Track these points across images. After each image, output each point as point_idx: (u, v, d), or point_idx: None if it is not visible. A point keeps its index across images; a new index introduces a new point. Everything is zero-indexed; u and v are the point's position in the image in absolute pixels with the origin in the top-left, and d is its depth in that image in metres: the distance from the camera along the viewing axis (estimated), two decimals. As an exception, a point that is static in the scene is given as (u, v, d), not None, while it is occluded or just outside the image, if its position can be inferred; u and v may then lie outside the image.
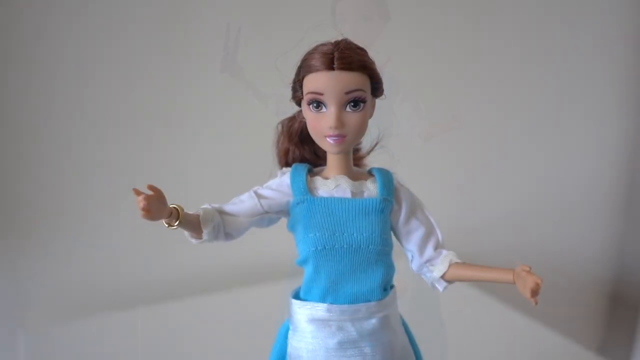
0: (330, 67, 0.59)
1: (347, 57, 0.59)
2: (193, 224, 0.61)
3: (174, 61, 1.25)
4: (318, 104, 0.61)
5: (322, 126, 0.61)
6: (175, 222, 0.59)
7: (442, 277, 0.64)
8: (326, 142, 0.62)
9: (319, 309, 0.64)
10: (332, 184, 0.64)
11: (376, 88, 0.62)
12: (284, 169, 0.69)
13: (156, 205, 0.54)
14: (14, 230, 1.21)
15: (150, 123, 1.27)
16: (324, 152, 0.66)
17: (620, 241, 2.04)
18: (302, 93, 0.62)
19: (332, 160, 0.65)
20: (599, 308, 2.08)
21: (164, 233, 1.24)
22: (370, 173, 0.67)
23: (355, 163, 0.69)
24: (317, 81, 0.60)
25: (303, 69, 0.61)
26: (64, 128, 1.21)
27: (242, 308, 1.28)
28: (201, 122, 1.31)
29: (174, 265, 1.36)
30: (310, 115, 0.62)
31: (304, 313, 0.64)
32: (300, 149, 0.69)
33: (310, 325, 0.64)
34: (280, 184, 0.66)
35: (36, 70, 1.16)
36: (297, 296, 0.67)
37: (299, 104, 0.65)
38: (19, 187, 1.20)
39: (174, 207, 0.58)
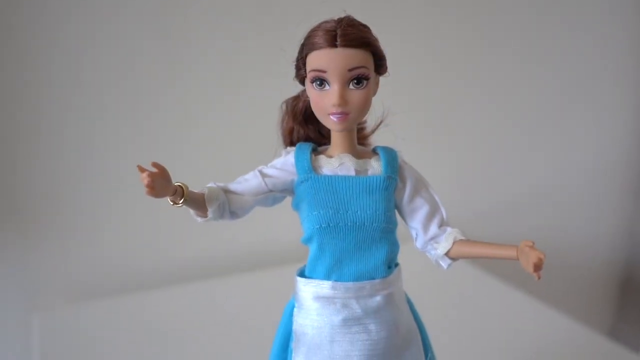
0: (333, 44, 0.59)
1: (350, 34, 0.58)
2: (198, 202, 0.61)
3: (174, 44, 1.26)
4: (321, 81, 0.60)
5: (325, 104, 0.61)
6: (180, 200, 0.59)
7: (447, 254, 0.64)
8: (330, 120, 0.62)
9: (324, 287, 0.63)
10: (336, 162, 0.64)
11: (380, 65, 0.62)
12: (289, 148, 0.69)
13: (160, 183, 0.54)
14: (27, 221, 1.23)
15: (153, 106, 1.27)
16: (329, 131, 0.66)
17: (631, 225, 2.04)
18: (305, 71, 0.62)
19: (336, 139, 0.65)
20: (610, 292, 2.07)
21: (171, 219, 1.26)
22: (374, 151, 0.67)
23: (359, 142, 0.69)
24: (320, 59, 0.59)
25: (306, 47, 0.61)
26: (65, 123, 1.21)
27: (248, 291, 1.30)
28: (205, 102, 1.32)
29: (181, 251, 1.37)
30: (313, 93, 0.62)
31: (309, 291, 0.64)
32: (304, 128, 0.69)
33: (315, 303, 0.64)
34: (285, 163, 0.66)
35: (35, 69, 1.17)
36: (302, 274, 0.66)
37: (302, 82, 0.65)
38: (30, 180, 1.21)
39: (179, 185, 0.58)
